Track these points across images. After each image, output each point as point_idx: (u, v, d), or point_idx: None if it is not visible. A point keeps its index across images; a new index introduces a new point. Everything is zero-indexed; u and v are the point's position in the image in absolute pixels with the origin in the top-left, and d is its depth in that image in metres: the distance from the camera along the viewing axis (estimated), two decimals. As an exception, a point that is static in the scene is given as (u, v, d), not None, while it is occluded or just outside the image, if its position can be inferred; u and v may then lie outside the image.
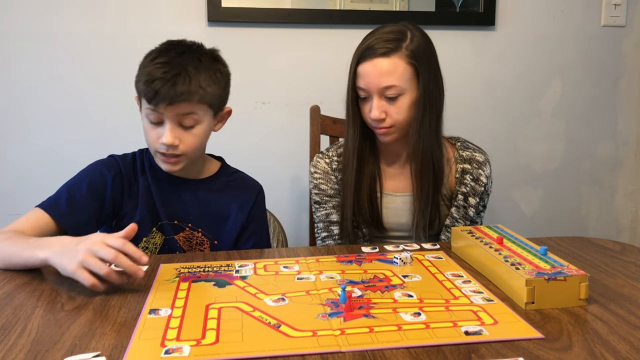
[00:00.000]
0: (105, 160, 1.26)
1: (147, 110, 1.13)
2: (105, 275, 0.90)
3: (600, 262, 1.05)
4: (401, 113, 1.24)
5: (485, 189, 1.32)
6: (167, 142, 1.13)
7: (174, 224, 1.24)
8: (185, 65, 1.12)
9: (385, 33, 1.24)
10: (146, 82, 1.11)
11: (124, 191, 1.23)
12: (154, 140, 1.15)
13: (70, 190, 1.18)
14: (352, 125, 1.30)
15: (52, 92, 1.80)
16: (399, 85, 1.22)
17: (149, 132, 1.16)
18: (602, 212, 2.21)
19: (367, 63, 1.22)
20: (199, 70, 1.14)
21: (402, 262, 1.03)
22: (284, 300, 0.87)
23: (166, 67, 1.11)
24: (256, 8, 1.83)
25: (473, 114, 2.02)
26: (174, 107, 1.11)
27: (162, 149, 1.15)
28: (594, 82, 2.10)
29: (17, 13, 1.75)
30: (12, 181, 1.81)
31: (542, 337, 0.75)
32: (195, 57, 1.15)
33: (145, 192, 1.24)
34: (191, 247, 1.25)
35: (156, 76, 1.10)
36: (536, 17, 2.02)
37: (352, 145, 1.30)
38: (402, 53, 1.22)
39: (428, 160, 1.27)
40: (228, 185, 1.29)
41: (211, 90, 1.15)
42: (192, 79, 1.12)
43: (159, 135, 1.14)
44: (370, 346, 0.72)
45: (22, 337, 0.76)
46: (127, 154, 1.28)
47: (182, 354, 0.71)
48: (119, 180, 1.23)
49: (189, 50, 1.16)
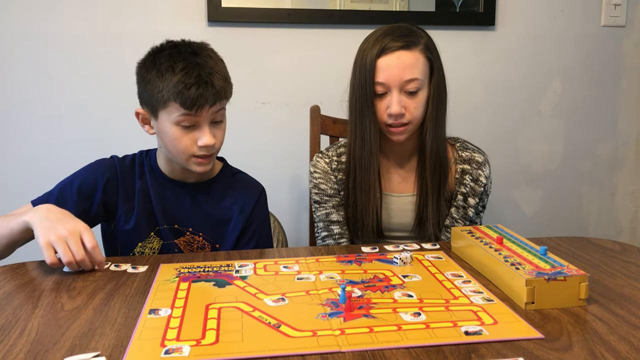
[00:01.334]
0: (103, 161, 1.25)
1: (181, 117, 1.12)
2: (66, 262, 0.99)
3: (600, 262, 1.05)
4: (419, 108, 1.24)
5: (484, 190, 1.32)
6: (209, 144, 1.13)
7: (174, 228, 1.24)
8: (207, 65, 1.13)
9: (395, 29, 1.23)
10: (181, 90, 1.09)
11: (118, 195, 1.23)
12: (189, 145, 1.14)
13: (62, 190, 1.21)
14: (371, 121, 1.25)
15: (52, 92, 1.80)
16: (420, 79, 1.22)
17: (182, 139, 1.13)
18: (602, 212, 2.20)
19: (389, 56, 1.20)
20: (218, 66, 1.15)
21: (402, 262, 1.03)
22: (284, 300, 0.87)
23: (194, 70, 1.11)
24: (256, 8, 1.83)
25: (473, 114, 2.02)
26: (214, 107, 1.13)
27: (202, 152, 1.15)
28: (594, 82, 2.10)
29: (17, 13, 1.75)
30: (12, 181, 1.81)
31: (542, 337, 0.75)
32: (205, 54, 1.15)
33: (143, 196, 1.23)
34: (192, 251, 1.25)
35: (190, 82, 1.09)
36: (536, 17, 2.02)
37: (375, 143, 1.26)
38: (421, 47, 1.22)
39: (438, 158, 1.28)
40: (229, 187, 1.29)
41: (230, 82, 1.19)
42: (219, 76, 1.14)
43: (195, 138, 1.14)
44: (370, 346, 0.72)
45: (22, 337, 0.76)
46: (127, 156, 1.28)
47: (182, 354, 0.71)
48: (112, 184, 1.22)
49: (195, 49, 1.16)
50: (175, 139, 1.14)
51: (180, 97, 1.09)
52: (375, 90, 1.23)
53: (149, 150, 1.29)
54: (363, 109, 1.25)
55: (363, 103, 1.24)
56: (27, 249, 1.21)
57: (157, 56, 1.15)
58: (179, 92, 1.09)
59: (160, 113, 1.14)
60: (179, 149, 1.15)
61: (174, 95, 1.10)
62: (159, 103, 1.13)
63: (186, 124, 1.13)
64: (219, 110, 1.15)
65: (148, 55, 1.17)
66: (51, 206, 1.06)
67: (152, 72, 1.13)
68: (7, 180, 1.81)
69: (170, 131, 1.14)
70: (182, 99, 1.09)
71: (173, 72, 1.10)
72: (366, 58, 1.22)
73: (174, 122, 1.13)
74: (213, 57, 1.17)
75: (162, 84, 1.11)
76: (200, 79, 1.10)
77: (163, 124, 1.14)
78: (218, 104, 1.14)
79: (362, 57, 1.24)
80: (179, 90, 1.09)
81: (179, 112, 1.11)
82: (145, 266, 1.04)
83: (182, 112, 1.11)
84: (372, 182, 1.28)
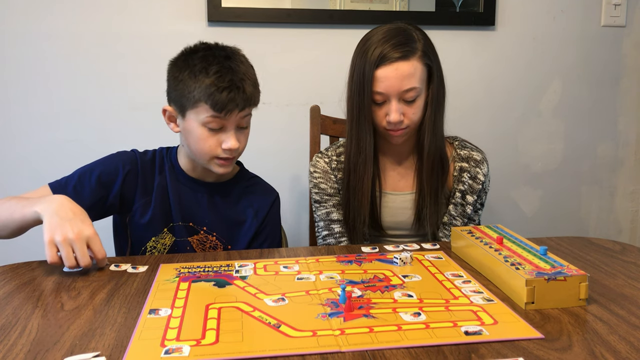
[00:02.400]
0: (124, 153, 1.27)
1: (209, 119, 1.13)
2: (68, 266, 0.98)
3: (600, 262, 1.05)
4: (417, 113, 1.25)
5: (482, 187, 1.33)
6: (233, 147, 1.15)
7: (188, 225, 1.25)
8: (239, 70, 1.15)
9: (393, 35, 1.22)
10: (213, 93, 1.11)
11: (137, 188, 1.24)
12: (213, 147, 1.16)
13: (81, 176, 1.21)
14: (368, 131, 1.26)
15: (52, 92, 1.79)
16: (418, 87, 1.22)
17: (207, 140, 1.15)
18: (602, 212, 2.20)
19: (387, 67, 1.20)
20: (249, 72, 1.17)
21: (402, 262, 1.03)
22: (284, 300, 0.87)
23: (227, 75, 1.12)
24: (256, 8, 1.83)
25: (473, 114, 2.02)
26: (242, 112, 1.15)
27: (225, 154, 1.17)
28: (594, 82, 2.10)
29: (17, 12, 1.75)
30: (12, 181, 1.81)
31: (542, 337, 0.75)
32: (238, 59, 1.17)
33: (161, 191, 1.25)
34: (204, 250, 1.26)
35: (223, 85, 1.11)
36: (536, 17, 2.02)
37: (369, 151, 1.28)
38: (418, 54, 1.22)
39: (436, 158, 1.29)
40: (245, 191, 1.30)
41: (259, 88, 1.20)
42: (250, 82, 1.15)
43: (220, 141, 1.16)
44: (370, 346, 0.72)
45: (22, 337, 0.76)
46: (148, 151, 1.30)
47: (182, 354, 0.71)
48: (132, 176, 1.24)
49: (228, 53, 1.17)
50: (202, 139, 1.16)
51: (212, 99, 1.11)
52: (374, 99, 1.24)
53: (169, 148, 1.31)
54: (360, 117, 1.26)
55: (360, 111, 1.25)
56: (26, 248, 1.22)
57: (191, 57, 1.16)
58: (210, 94, 1.11)
59: (188, 112, 1.16)
60: (203, 149, 1.17)
61: (205, 97, 1.11)
62: (189, 103, 1.14)
63: (213, 126, 1.14)
64: (245, 116, 1.17)
65: (181, 55, 1.19)
66: (65, 200, 1.04)
67: (184, 72, 1.15)
68: (5, 180, 1.81)
69: (197, 131, 1.15)
70: (213, 101, 1.11)
71: (207, 74, 1.12)
72: (364, 67, 1.22)
73: (202, 122, 1.14)
74: (245, 63, 1.19)
75: (194, 85, 1.13)
76: (232, 83, 1.12)
77: (191, 123, 1.16)
78: (247, 109, 1.16)
79: (359, 64, 1.24)
80: (210, 93, 1.11)
81: (208, 113, 1.13)
82: (145, 266, 1.04)
83: (211, 113, 1.12)
84: (366, 189, 1.29)
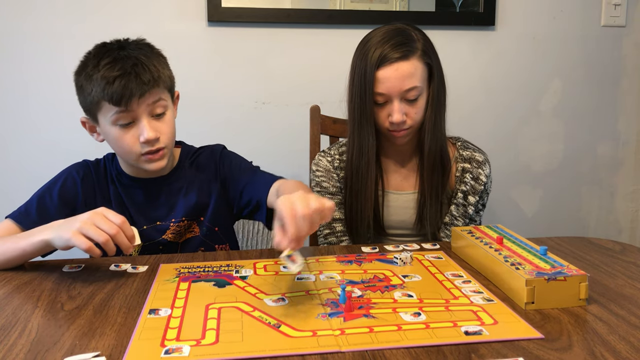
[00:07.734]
0: (76, 164, 1.23)
1: (115, 116, 1.08)
2: (103, 242, 0.91)
3: (600, 262, 1.05)
4: (419, 113, 1.25)
5: (484, 188, 1.33)
6: (150, 137, 1.09)
7: (156, 226, 1.21)
8: (134, 56, 1.09)
9: (392, 36, 1.22)
10: (106, 85, 1.05)
11: (96, 195, 1.20)
12: (132, 144, 1.10)
13: (40, 199, 1.16)
14: (370, 134, 1.26)
15: (53, 92, 1.79)
16: (419, 86, 1.22)
17: (123, 139, 1.10)
18: (602, 212, 2.20)
19: (388, 68, 1.20)
20: (149, 57, 1.11)
21: (402, 262, 1.03)
22: (284, 300, 0.87)
23: (118, 64, 1.07)
24: (256, 8, 1.83)
25: (473, 114, 2.02)
26: (144, 99, 1.08)
27: (146, 148, 1.11)
28: (594, 82, 2.10)
29: (18, 12, 1.75)
30: (12, 182, 1.81)
31: (542, 337, 0.75)
32: (135, 48, 1.12)
33: (118, 200, 1.21)
34: (182, 236, 1.22)
35: (115, 75, 1.05)
36: (536, 17, 2.02)
37: (372, 154, 1.28)
38: (418, 53, 1.22)
39: (439, 157, 1.29)
40: (194, 166, 1.26)
41: (166, 73, 1.14)
42: (149, 66, 1.09)
43: (136, 135, 1.10)
44: (370, 346, 0.72)
45: (22, 337, 0.76)
46: (99, 159, 1.25)
47: (182, 354, 0.71)
48: (89, 182, 1.20)
49: (124, 45, 1.13)
50: (118, 139, 1.10)
51: (107, 94, 1.05)
52: (376, 100, 1.24)
53: (114, 154, 1.24)
54: (362, 120, 1.26)
55: (362, 114, 1.25)
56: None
57: (86, 58, 1.12)
58: (103, 89, 1.05)
59: (98, 117, 1.11)
60: (124, 149, 1.11)
61: (101, 94, 1.06)
62: (93, 106, 1.09)
63: (123, 122, 1.09)
64: (156, 102, 1.11)
65: (80, 62, 1.13)
66: (58, 221, 1.00)
67: (81, 76, 1.10)
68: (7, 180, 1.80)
69: (112, 133, 1.10)
70: (109, 94, 1.05)
71: (97, 69, 1.07)
72: (364, 69, 1.22)
73: (112, 122, 1.09)
74: (144, 49, 1.12)
75: (90, 85, 1.08)
76: (123, 71, 1.06)
77: (104, 127, 1.11)
78: (148, 95, 1.08)
79: (360, 67, 1.23)
80: (103, 87, 1.05)
81: (112, 110, 1.07)
82: (145, 266, 1.04)
83: (114, 109, 1.07)
84: (369, 192, 1.29)
